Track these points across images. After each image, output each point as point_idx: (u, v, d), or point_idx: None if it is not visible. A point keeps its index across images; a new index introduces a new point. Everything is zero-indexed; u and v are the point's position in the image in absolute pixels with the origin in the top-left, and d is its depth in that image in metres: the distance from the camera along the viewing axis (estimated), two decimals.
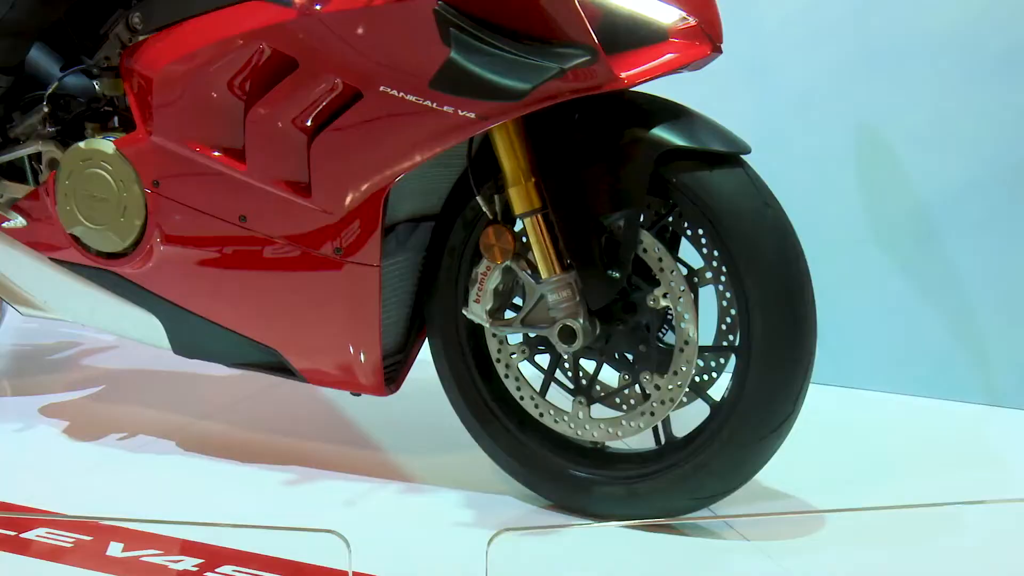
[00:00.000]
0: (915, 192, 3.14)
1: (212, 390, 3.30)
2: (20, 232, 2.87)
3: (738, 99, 3.29)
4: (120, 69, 2.65)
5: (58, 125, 2.78)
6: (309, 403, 3.06)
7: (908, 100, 3.13)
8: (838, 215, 3.23)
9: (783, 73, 3.24)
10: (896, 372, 3.25)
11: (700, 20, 2.30)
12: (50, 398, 3.31)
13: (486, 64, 2.17)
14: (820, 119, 3.23)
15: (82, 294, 2.84)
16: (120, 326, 2.86)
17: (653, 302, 2.36)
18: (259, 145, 2.49)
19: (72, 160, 2.70)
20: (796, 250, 2.31)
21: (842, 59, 3.18)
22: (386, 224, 2.58)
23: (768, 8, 3.23)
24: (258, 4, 2.45)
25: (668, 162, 2.30)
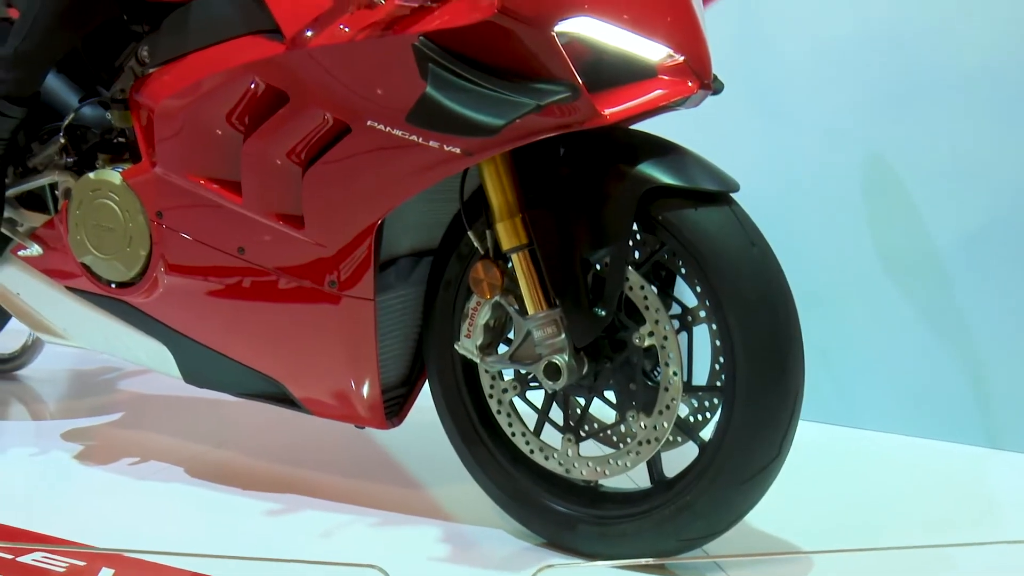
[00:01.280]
0: (929, 233, 3.09)
1: (232, 417, 3.32)
2: (37, 260, 2.93)
3: (756, 137, 3.26)
4: (129, 101, 2.69)
5: (74, 156, 2.83)
6: (331, 432, 3.06)
7: (927, 139, 3.07)
8: (850, 254, 3.18)
9: (802, 111, 3.20)
10: (897, 413, 3.19)
11: (688, 57, 2.28)
12: (72, 423, 3.36)
13: (461, 99, 2.17)
14: (837, 157, 3.18)
15: (96, 322, 2.89)
16: (133, 354, 2.90)
17: (639, 340, 2.34)
18: (254, 178, 2.52)
19: (82, 190, 2.75)
20: (782, 290, 2.28)
21: (862, 96, 3.14)
22: (386, 257, 2.60)
23: (787, 45, 3.20)
24: (254, 39, 2.47)
25: (654, 199, 2.28)
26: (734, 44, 3.23)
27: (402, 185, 2.37)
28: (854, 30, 3.12)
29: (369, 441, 3.05)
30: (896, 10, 3.08)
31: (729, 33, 3.23)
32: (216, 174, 2.59)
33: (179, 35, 2.60)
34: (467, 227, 2.47)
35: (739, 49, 3.23)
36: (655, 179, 2.27)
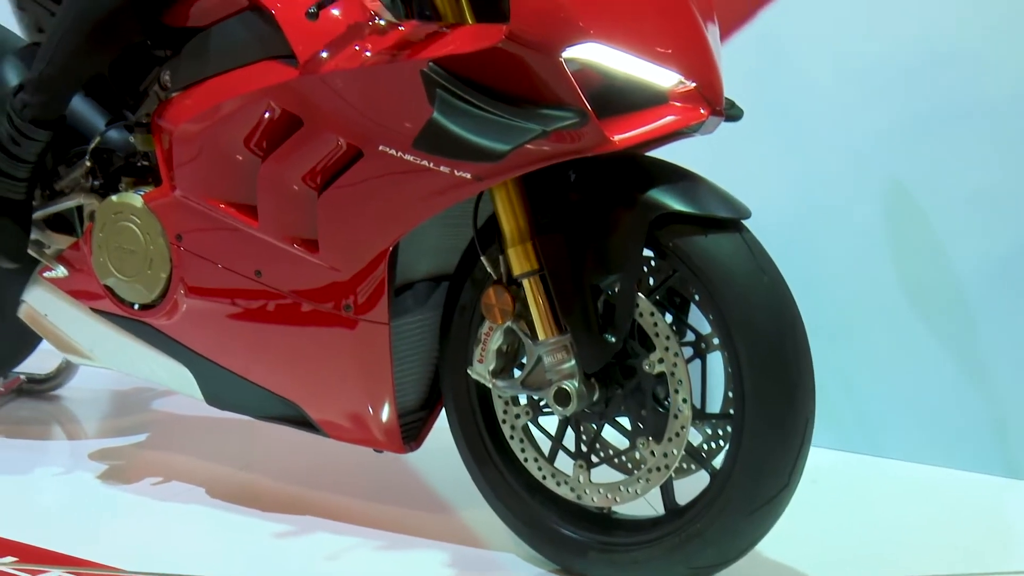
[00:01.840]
0: (952, 261, 3.06)
1: (260, 438, 3.34)
2: (62, 282, 2.96)
3: (779, 164, 3.24)
4: (152, 125, 2.72)
5: (100, 179, 2.86)
6: (353, 455, 3.06)
7: (952, 166, 3.04)
8: (873, 282, 3.15)
9: (825, 137, 3.18)
10: (918, 441, 3.16)
11: (700, 84, 2.27)
12: (101, 443, 3.39)
13: (467, 125, 2.19)
14: (861, 184, 3.15)
15: (120, 344, 2.92)
16: (157, 376, 2.93)
17: (649, 367, 2.34)
18: (270, 201, 2.54)
19: (105, 213, 2.78)
20: (791, 318, 2.27)
21: (886, 122, 3.11)
22: (403, 282, 2.61)
23: (810, 70, 3.18)
24: (271, 64, 2.50)
25: (665, 226, 2.28)
26: (755, 69, 3.21)
27: (414, 210, 2.39)
28: (878, 55, 3.10)
29: (390, 464, 3.05)
30: (922, 35, 3.05)
31: (750, 57, 3.22)
32: (233, 197, 2.61)
33: (199, 60, 2.63)
34: (480, 252, 2.47)
35: (760, 74, 3.21)
36: (665, 205, 2.27)
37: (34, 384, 3.76)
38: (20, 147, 2.80)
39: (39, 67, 2.73)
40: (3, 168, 2.83)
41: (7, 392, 3.68)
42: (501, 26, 2.20)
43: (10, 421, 3.57)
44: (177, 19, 2.67)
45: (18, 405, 3.72)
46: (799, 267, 3.11)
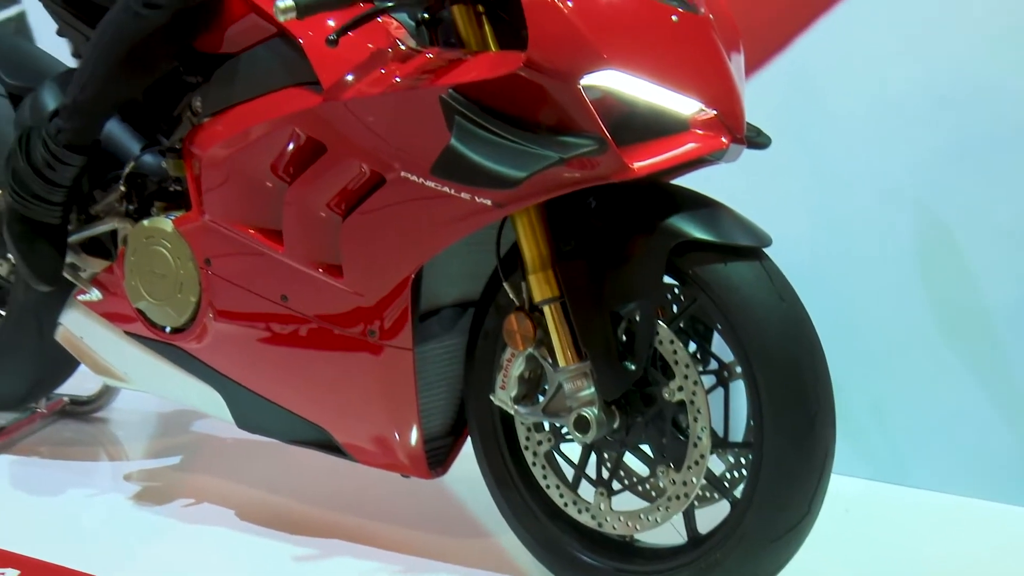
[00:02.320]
0: (986, 293, 3.02)
1: (294, 461, 3.34)
2: (97, 305, 3.00)
3: (810, 193, 3.21)
4: (183, 150, 2.75)
5: (134, 204, 2.89)
6: (384, 479, 3.07)
7: (985, 198, 3.01)
8: (907, 313, 3.12)
9: (857, 167, 3.16)
10: (950, 471, 3.12)
11: (721, 111, 2.27)
12: (136, 464, 3.43)
13: (484, 151, 2.20)
14: (893, 215, 3.12)
15: (153, 367, 2.95)
16: (189, 399, 2.96)
17: (668, 395, 2.33)
18: (295, 227, 2.56)
19: (137, 237, 2.81)
20: (810, 346, 2.26)
21: (917, 153, 3.08)
22: (429, 307, 2.62)
23: (841, 101, 3.16)
24: (298, 91, 2.52)
25: (685, 253, 2.28)
26: (787, 97, 3.20)
27: (436, 236, 2.40)
28: (913, 84, 3.07)
29: (419, 489, 3.05)
30: (957, 65, 3.02)
31: (782, 86, 3.20)
32: (260, 223, 2.64)
33: (228, 87, 2.65)
34: (503, 279, 2.47)
35: (792, 102, 3.19)
36: (685, 233, 2.27)
37: (77, 406, 3.79)
38: (55, 172, 2.83)
39: (73, 93, 2.77)
40: (39, 192, 2.86)
41: (50, 414, 3.71)
42: (520, 53, 2.21)
43: (53, 442, 3.61)
44: (208, 46, 2.69)
45: (62, 426, 3.75)
46: (831, 295, 3.14)
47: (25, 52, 3.31)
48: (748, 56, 3.13)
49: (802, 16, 3.21)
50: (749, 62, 3.15)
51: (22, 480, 3.30)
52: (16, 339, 3.32)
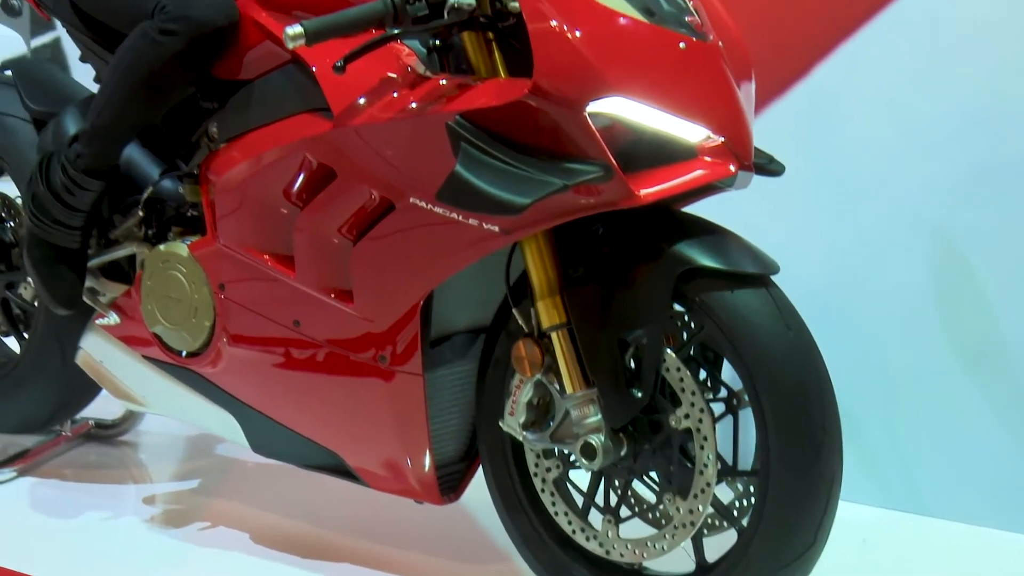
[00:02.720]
0: (1010, 323, 3.00)
1: (314, 486, 3.35)
2: (115, 329, 3.01)
3: (831, 221, 3.20)
4: (200, 175, 2.77)
5: (152, 228, 2.91)
6: (400, 505, 3.08)
7: (1012, 226, 2.99)
8: (928, 340, 3.10)
9: (879, 194, 3.14)
10: (967, 501, 3.09)
11: (728, 138, 2.27)
12: (156, 487, 3.46)
13: (489, 178, 2.21)
14: (916, 242, 3.11)
15: (170, 391, 2.96)
16: (206, 423, 2.97)
17: (675, 422, 2.32)
18: (306, 252, 2.58)
19: (153, 262, 2.83)
20: (816, 374, 2.26)
21: (942, 180, 3.06)
22: (441, 333, 2.62)
23: (869, 126, 3.15)
24: (309, 117, 2.54)
25: (692, 280, 2.27)
26: (807, 124, 3.19)
27: (445, 262, 2.40)
28: (933, 111, 3.06)
29: (432, 515, 3.05)
30: (982, 89, 3.01)
31: (802, 114, 3.19)
32: (272, 248, 2.65)
33: (243, 112, 2.68)
34: (512, 305, 2.48)
35: (812, 129, 3.19)
36: (692, 260, 2.27)
37: (102, 429, 3.81)
38: (74, 197, 2.86)
39: (91, 119, 2.80)
40: (58, 217, 2.88)
41: (75, 437, 3.73)
42: (527, 80, 2.21)
43: (77, 465, 3.63)
44: (224, 72, 2.71)
45: (87, 450, 3.77)
46: (850, 320, 3.12)
47: (51, 78, 3.34)
48: (770, 82, 3.18)
49: (825, 41, 3.21)
50: (771, 88, 3.20)
51: (45, 502, 3.33)
52: (39, 363, 3.35)
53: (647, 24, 2.27)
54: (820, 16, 3.20)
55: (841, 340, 3.07)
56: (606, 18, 2.25)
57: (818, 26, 3.21)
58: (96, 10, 2.88)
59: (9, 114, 3.28)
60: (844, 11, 3.16)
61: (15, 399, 3.44)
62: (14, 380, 3.41)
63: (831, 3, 3.18)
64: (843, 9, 3.16)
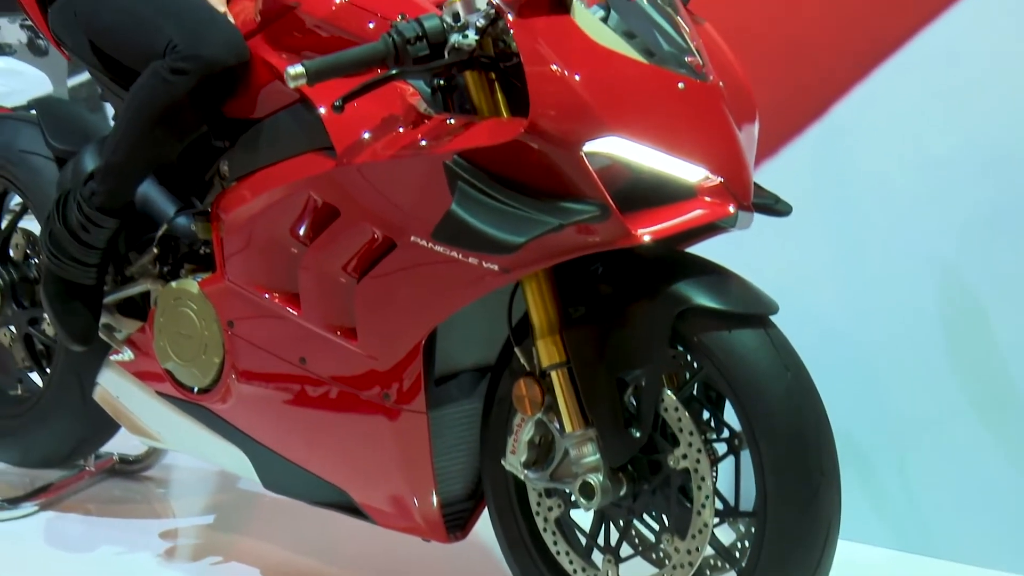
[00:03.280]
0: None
1: (332, 524, 3.36)
2: (129, 365, 3.04)
3: (853, 261, 3.19)
4: (211, 213, 2.79)
5: (167, 265, 2.94)
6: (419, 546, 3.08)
7: None
8: (942, 382, 3.08)
9: (900, 235, 3.13)
10: (976, 543, 3.06)
11: (726, 178, 2.27)
12: (173, 522, 3.49)
13: (484, 217, 2.22)
14: (931, 283, 3.09)
15: (183, 427, 2.98)
16: (219, 459, 2.99)
17: (673, 462, 2.32)
18: (311, 290, 2.60)
19: (165, 298, 2.86)
20: (814, 416, 2.25)
21: (963, 220, 3.05)
22: (447, 371, 2.63)
23: (885, 165, 3.14)
24: (315, 156, 2.57)
25: (690, 320, 2.27)
26: (823, 165, 3.18)
27: (445, 301, 2.41)
28: (950, 152, 3.04)
29: (439, 552, 3.05)
30: (1002, 127, 2.99)
31: (818, 154, 3.19)
32: (279, 285, 2.67)
33: (252, 151, 2.71)
34: (514, 344, 2.48)
35: (827, 170, 3.18)
36: (689, 300, 2.27)
37: (126, 464, 3.83)
38: (89, 234, 2.89)
39: (106, 157, 2.84)
40: (74, 254, 2.92)
41: (98, 472, 3.76)
42: (524, 120, 2.22)
43: (101, 500, 3.65)
44: (236, 110, 2.75)
45: (111, 485, 3.79)
46: (865, 362, 3.11)
47: (73, 116, 3.38)
48: (786, 123, 3.18)
49: (841, 82, 3.20)
50: (787, 128, 3.20)
51: (66, 537, 3.37)
52: (60, 398, 3.37)
53: (646, 64, 2.28)
54: (837, 56, 3.19)
55: (854, 380, 3.08)
56: (604, 58, 2.26)
57: (836, 65, 3.20)
58: (113, 49, 2.92)
59: (33, 152, 3.33)
60: (860, 51, 3.16)
61: (37, 434, 3.47)
62: (36, 415, 3.44)
63: (847, 43, 3.17)
64: (859, 49, 3.16)
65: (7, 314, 3.42)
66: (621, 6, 2.35)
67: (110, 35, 2.91)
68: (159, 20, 2.75)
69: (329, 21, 2.61)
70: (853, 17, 3.15)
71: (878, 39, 3.14)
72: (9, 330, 3.45)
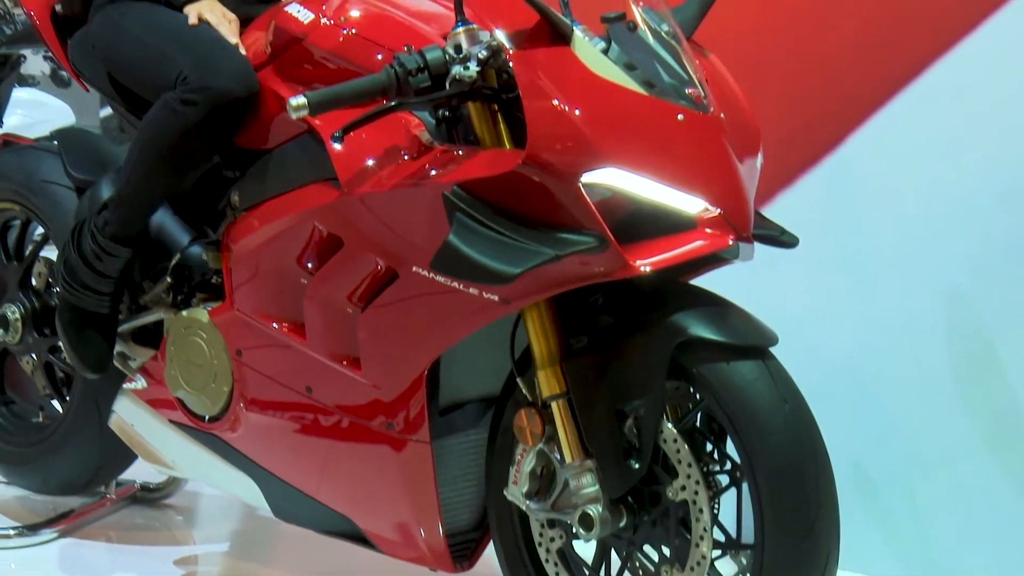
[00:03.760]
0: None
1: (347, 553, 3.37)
2: (142, 393, 3.06)
3: (870, 294, 3.17)
4: (221, 243, 2.82)
5: (180, 295, 2.97)
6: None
7: None
8: (956, 417, 3.06)
9: (914, 267, 3.12)
10: None
11: (725, 210, 2.27)
12: (190, 549, 3.53)
13: (480, 247, 2.23)
14: (945, 317, 3.08)
15: (195, 455, 3.00)
16: (230, 487, 3.01)
17: (672, 494, 2.32)
18: (316, 320, 2.61)
19: (176, 327, 2.89)
20: (812, 449, 2.24)
21: (979, 253, 3.04)
22: (452, 401, 2.64)
23: (899, 196, 3.13)
24: (320, 186, 2.59)
25: (690, 352, 2.27)
26: (838, 197, 3.18)
27: (447, 331, 2.42)
28: (965, 183, 3.03)
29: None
30: (1011, 163, 2.98)
31: (834, 186, 3.18)
32: (285, 315, 2.69)
33: (261, 182, 2.73)
34: (516, 374, 2.49)
35: (843, 202, 3.17)
36: (688, 331, 2.26)
37: (147, 492, 3.86)
38: (103, 263, 2.92)
39: (118, 187, 2.88)
40: (88, 282, 2.95)
41: (119, 499, 3.78)
42: (522, 151, 2.23)
43: (121, 527, 3.68)
44: (246, 141, 2.78)
45: (132, 512, 3.81)
46: (876, 396, 3.09)
47: (94, 146, 3.42)
48: (801, 154, 3.17)
49: (856, 113, 3.20)
50: (802, 160, 3.19)
51: (85, 563, 3.42)
52: (79, 425, 3.41)
53: (645, 96, 2.28)
54: (852, 87, 3.19)
55: (865, 413, 3.06)
56: (603, 90, 2.26)
57: (851, 96, 3.20)
58: (129, 80, 2.97)
59: (54, 182, 3.36)
60: (875, 82, 3.15)
61: (56, 461, 3.51)
62: (55, 442, 3.47)
63: (862, 75, 3.17)
64: (874, 80, 3.16)
65: (28, 342, 3.46)
66: (623, 38, 2.35)
67: (126, 66, 2.95)
68: (171, 51, 2.78)
69: (336, 53, 2.63)
70: (867, 49, 3.15)
71: (893, 70, 3.14)
72: (32, 357, 3.48)
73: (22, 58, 3.86)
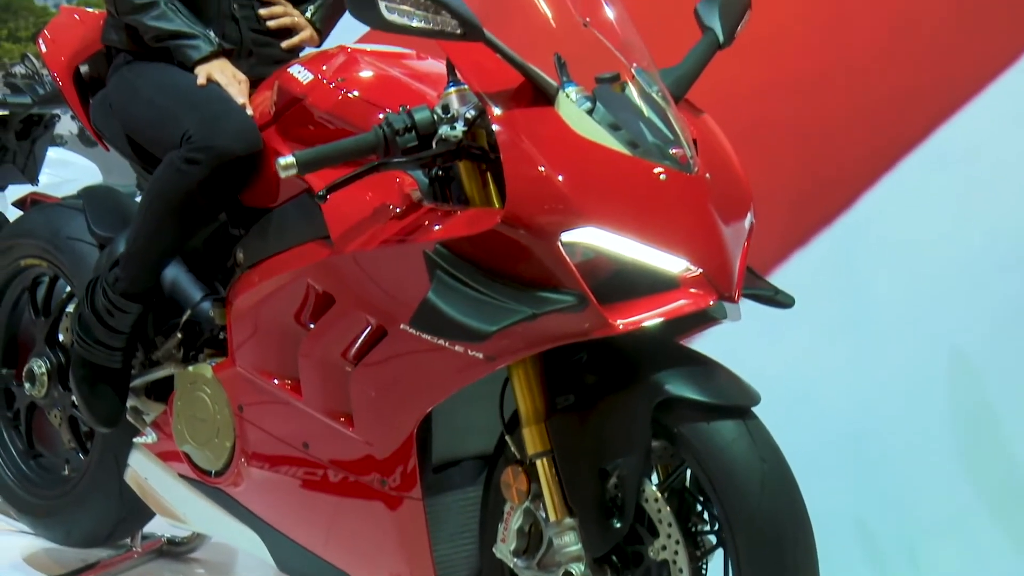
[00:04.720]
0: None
1: None
2: (153, 447, 3.10)
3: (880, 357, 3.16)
4: (227, 299, 2.86)
5: (191, 350, 3.01)
6: None
7: None
8: (960, 478, 3.03)
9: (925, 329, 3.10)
10: None
11: (707, 270, 2.26)
12: None
13: (458, 305, 2.24)
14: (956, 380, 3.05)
15: (204, 509, 3.03)
16: (238, 541, 3.04)
17: (653, 554, 2.31)
18: (311, 377, 2.64)
19: (182, 382, 2.93)
20: (791, 509, 2.23)
21: (989, 316, 3.02)
22: (449, 458, 2.65)
23: (908, 258, 3.11)
24: (315, 245, 2.62)
25: (670, 411, 2.27)
26: (849, 258, 3.17)
27: (435, 388, 2.43)
28: (974, 245, 3.02)
29: None
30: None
31: (845, 248, 3.18)
32: (283, 371, 2.72)
33: (263, 239, 2.77)
34: (505, 432, 2.49)
35: (854, 263, 3.17)
36: (669, 391, 2.26)
37: (173, 546, 3.89)
38: (114, 319, 2.97)
39: (128, 245, 2.93)
40: (100, 338, 3.00)
41: (145, 553, 3.82)
42: (502, 210, 2.25)
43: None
44: (251, 199, 2.83)
45: (159, 566, 3.85)
46: (883, 460, 3.07)
47: (117, 204, 3.46)
48: (813, 214, 3.17)
49: (868, 174, 3.19)
50: (814, 220, 3.19)
51: None
52: (99, 479, 3.45)
53: (627, 155, 2.28)
54: (863, 148, 3.19)
55: (871, 477, 3.04)
56: (583, 149, 2.27)
57: (863, 156, 3.20)
58: (143, 139, 3.03)
59: (79, 239, 3.42)
60: (886, 143, 3.16)
61: (78, 513, 3.55)
62: (77, 495, 3.52)
63: (873, 136, 3.17)
64: (885, 141, 3.16)
65: (54, 395, 3.51)
66: (608, 98, 2.36)
67: (139, 126, 3.01)
68: (179, 111, 2.83)
69: (334, 113, 2.67)
70: (877, 110, 3.15)
71: (904, 131, 3.14)
72: (58, 411, 3.54)
73: (56, 118, 3.94)
